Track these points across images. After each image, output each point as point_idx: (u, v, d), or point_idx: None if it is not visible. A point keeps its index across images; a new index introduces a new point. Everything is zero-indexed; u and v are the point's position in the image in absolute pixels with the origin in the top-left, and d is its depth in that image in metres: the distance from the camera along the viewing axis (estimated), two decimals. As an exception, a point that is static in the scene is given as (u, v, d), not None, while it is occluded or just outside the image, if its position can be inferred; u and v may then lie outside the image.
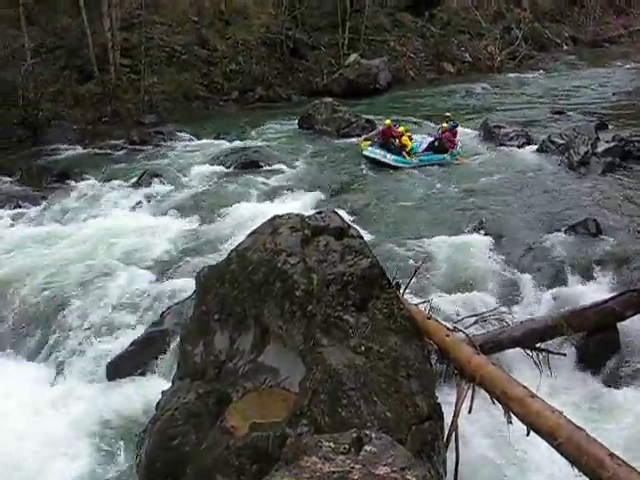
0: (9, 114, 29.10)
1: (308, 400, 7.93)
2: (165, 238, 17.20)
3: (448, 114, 25.78)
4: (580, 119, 28.46)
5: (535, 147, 23.72)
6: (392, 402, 8.00)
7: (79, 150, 27.90)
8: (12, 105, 29.37)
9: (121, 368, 12.35)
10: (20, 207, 21.31)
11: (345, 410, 7.65)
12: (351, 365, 8.01)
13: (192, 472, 8.43)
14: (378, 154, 23.07)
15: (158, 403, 9.56)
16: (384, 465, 4.19)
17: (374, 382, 8.04)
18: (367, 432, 4.65)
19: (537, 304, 13.36)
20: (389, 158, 22.78)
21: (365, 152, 23.60)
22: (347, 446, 4.43)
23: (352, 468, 4.13)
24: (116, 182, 22.61)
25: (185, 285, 14.00)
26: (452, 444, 8.79)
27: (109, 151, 27.34)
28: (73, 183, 23.01)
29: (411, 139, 23.63)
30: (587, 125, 24.76)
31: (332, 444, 4.44)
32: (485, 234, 16.29)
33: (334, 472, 4.11)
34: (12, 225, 19.87)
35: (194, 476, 8.38)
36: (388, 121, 24.05)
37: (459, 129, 24.93)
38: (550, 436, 7.77)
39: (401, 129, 23.82)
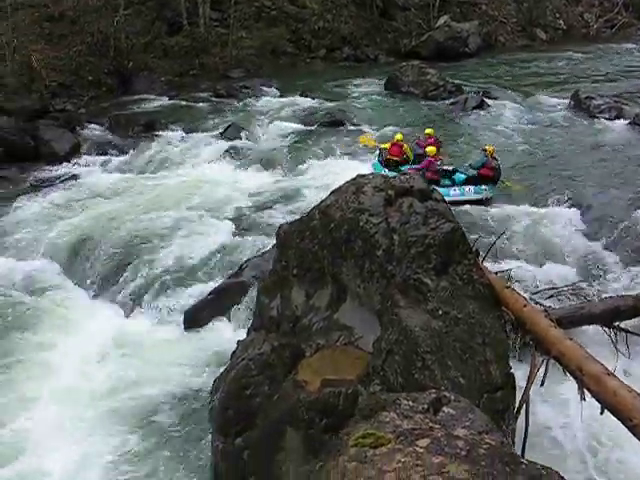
0: (100, 64, 29.66)
1: (382, 360, 7.94)
2: (247, 191, 17.39)
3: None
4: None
5: (628, 121, 22.88)
6: (466, 368, 7.93)
7: (166, 101, 28.30)
8: (104, 55, 29.91)
9: (198, 316, 12.65)
10: (108, 155, 21.95)
11: (419, 372, 7.63)
12: (427, 328, 7.96)
13: (263, 422, 8.57)
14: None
15: (233, 352, 9.73)
16: (462, 428, 4.18)
17: (449, 347, 7.98)
18: (446, 394, 4.63)
19: (619, 282, 13.00)
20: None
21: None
22: (426, 406, 4.43)
23: (432, 427, 4.13)
24: (201, 134, 22.94)
25: (264, 239, 14.20)
26: (521, 416, 8.72)
27: (195, 103, 27.65)
28: (159, 133, 23.43)
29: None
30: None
31: (411, 402, 4.45)
32: (570, 207, 15.90)
33: (415, 429, 4.12)
34: (100, 172, 20.41)
35: (264, 426, 8.53)
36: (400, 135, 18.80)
37: None
38: (625, 416, 7.58)
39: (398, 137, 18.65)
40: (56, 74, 28.22)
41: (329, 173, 17.81)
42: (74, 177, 20.09)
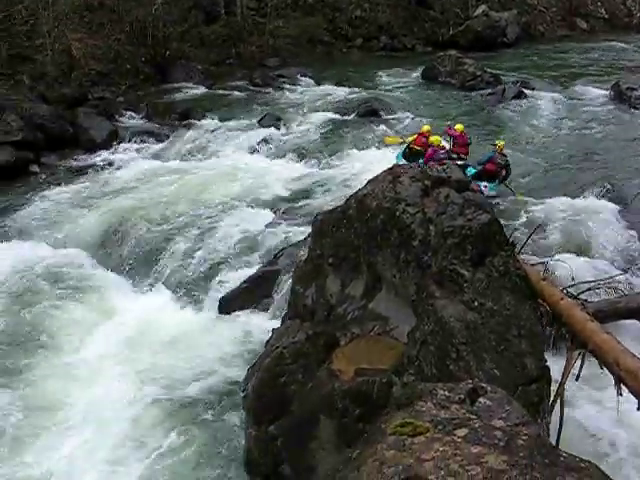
0: (138, 52, 29.87)
1: (417, 350, 7.92)
2: (282, 180, 17.43)
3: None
4: None
5: (672, 114, 22.48)
6: (501, 360, 7.88)
7: (202, 90, 28.42)
8: (142, 44, 30.11)
9: (233, 303, 12.74)
10: (145, 142, 22.16)
11: (454, 364, 7.61)
12: (463, 319, 7.92)
13: (296, 410, 8.62)
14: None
15: (268, 341, 9.79)
16: (499, 419, 4.16)
17: (485, 338, 7.94)
18: (483, 385, 4.61)
19: (658, 278, 12.82)
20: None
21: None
22: (462, 396, 4.41)
23: (469, 418, 4.12)
24: (237, 122, 23.04)
25: (300, 228, 14.22)
26: (556, 409, 8.65)
27: (231, 92, 27.75)
28: (195, 121, 23.58)
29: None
30: None
31: (447, 392, 4.44)
32: (609, 200, 15.67)
33: (453, 419, 4.11)
34: (137, 160, 20.61)
35: (298, 414, 8.57)
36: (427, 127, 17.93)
37: None
38: (664, 414, 7.51)
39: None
40: (95, 62, 28.48)
41: (365, 163, 17.75)
42: (111, 164, 20.33)
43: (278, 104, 25.23)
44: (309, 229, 11.24)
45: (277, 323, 10.50)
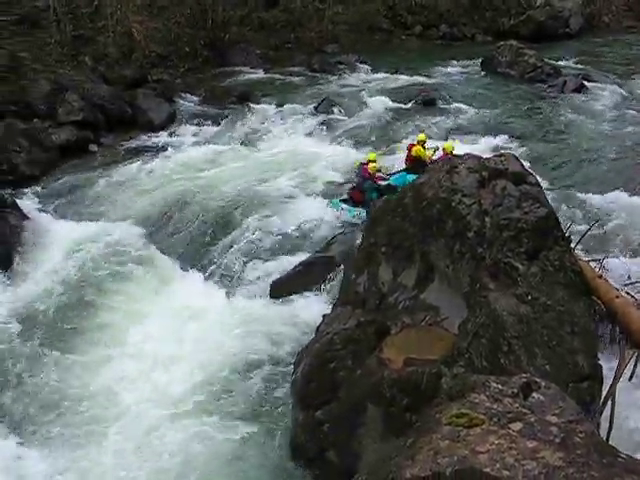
0: (198, 36, 30.06)
1: (467, 342, 7.89)
2: (338, 166, 17.40)
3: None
4: None
5: None
6: (553, 356, 7.80)
7: (260, 74, 28.51)
8: (201, 27, 30.29)
9: (285, 288, 12.81)
10: (202, 125, 22.39)
11: (504, 357, 7.56)
12: (516, 313, 7.86)
13: (344, 396, 8.66)
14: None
15: (318, 326, 9.83)
16: (552, 415, 4.12)
17: (537, 333, 7.86)
18: (537, 379, 4.57)
19: None
20: None
21: None
22: (515, 390, 4.38)
23: (524, 412, 4.10)
24: (294, 107, 23.06)
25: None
26: (606, 409, 8.50)
27: (289, 77, 27.79)
28: (252, 105, 23.67)
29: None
30: None
31: (500, 386, 4.41)
32: (671, 198, 15.30)
33: (507, 412, 4.09)
34: (193, 142, 20.81)
35: (346, 400, 8.62)
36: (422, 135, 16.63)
37: None
38: None
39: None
40: (155, 45, 28.78)
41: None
42: (168, 146, 20.55)
43: (335, 90, 25.18)
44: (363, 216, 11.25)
45: (328, 309, 10.53)
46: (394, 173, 16.07)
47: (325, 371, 8.91)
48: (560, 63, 28.31)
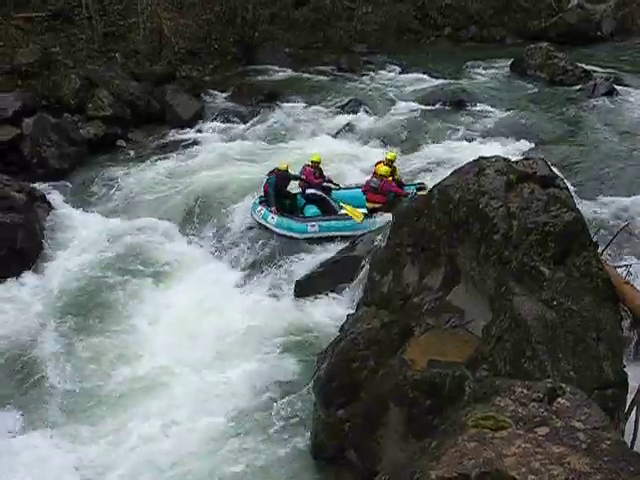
0: (227, 33, 30.17)
1: (491, 346, 7.87)
2: (365, 167, 17.37)
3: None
4: None
5: None
6: (578, 362, 7.74)
7: (289, 72, 28.50)
8: (231, 25, 30.39)
9: (309, 287, 12.88)
10: (229, 122, 22.51)
11: (529, 362, 7.52)
12: (541, 318, 7.80)
13: (366, 396, 8.69)
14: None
15: (342, 325, 9.85)
16: (578, 421, 4.10)
17: (562, 339, 7.81)
18: (562, 385, 4.54)
19: None
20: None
21: None
22: (541, 395, 4.36)
23: (550, 417, 4.08)
24: (322, 107, 23.07)
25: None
26: (631, 417, 8.42)
27: (317, 76, 27.72)
28: (280, 104, 23.71)
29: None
30: None
31: (525, 390, 4.39)
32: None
33: (534, 416, 4.08)
34: (221, 139, 20.93)
35: (367, 400, 8.64)
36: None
37: None
38: None
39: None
40: (184, 41, 28.89)
41: (449, 153, 17.58)
42: (196, 142, 20.69)
43: (364, 90, 25.10)
44: (389, 217, 11.23)
45: (352, 309, 10.55)
46: (352, 187, 16.03)
47: (348, 370, 8.93)
48: (591, 66, 27.99)
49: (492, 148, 17.63)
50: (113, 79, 23.05)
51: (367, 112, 22.17)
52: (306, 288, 12.85)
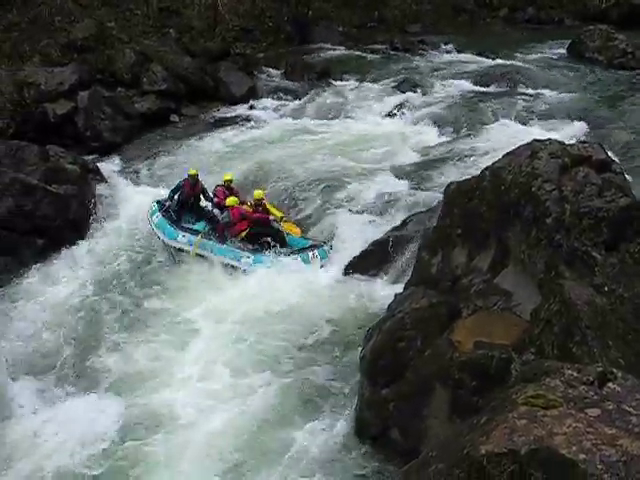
0: (281, 11, 30.17)
1: (540, 329, 7.79)
2: (416, 146, 17.30)
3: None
4: None
5: None
6: (627, 349, 7.62)
7: (342, 51, 28.43)
8: (285, 3, 30.38)
9: (359, 265, 12.89)
10: (282, 99, 22.63)
11: (577, 347, 7.42)
12: (591, 303, 7.70)
13: (412, 375, 8.68)
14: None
15: (390, 304, 9.84)
16: (629, 406, 4.06)
17: (612, 325, 7.70)
18: (613, 370, 4.50)
19: None
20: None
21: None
22: (591, 378, 4.33)
23: (602, 399, 4.05)
24: (374, 85, 22.97)
25: (430, 195, 14.12)
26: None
27: (371, 55, 27.61)
28: (333, 82, 23.73)
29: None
30: None
31: (575, 373, 4.36)
32: None
33: (585, 398, 4.05)
34: (273, 116, 21.01)
35: (413, 380, 8.63)
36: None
37: None
38: None
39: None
40: (238, 19, 29.04)
41: (502, 135, 17.30)
42: (248, 119, 20.81)
43: (417, 70, 24.88)
44: (440, 197, 11.16)
45: (400, 288, 10.53)
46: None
47: (394, 349, 8.93)
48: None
49: (546, 131, 17.34)
50: (167, 54, 23.30)
51: (419, 92, 21.95)
52: (355, 266, 12.87)
